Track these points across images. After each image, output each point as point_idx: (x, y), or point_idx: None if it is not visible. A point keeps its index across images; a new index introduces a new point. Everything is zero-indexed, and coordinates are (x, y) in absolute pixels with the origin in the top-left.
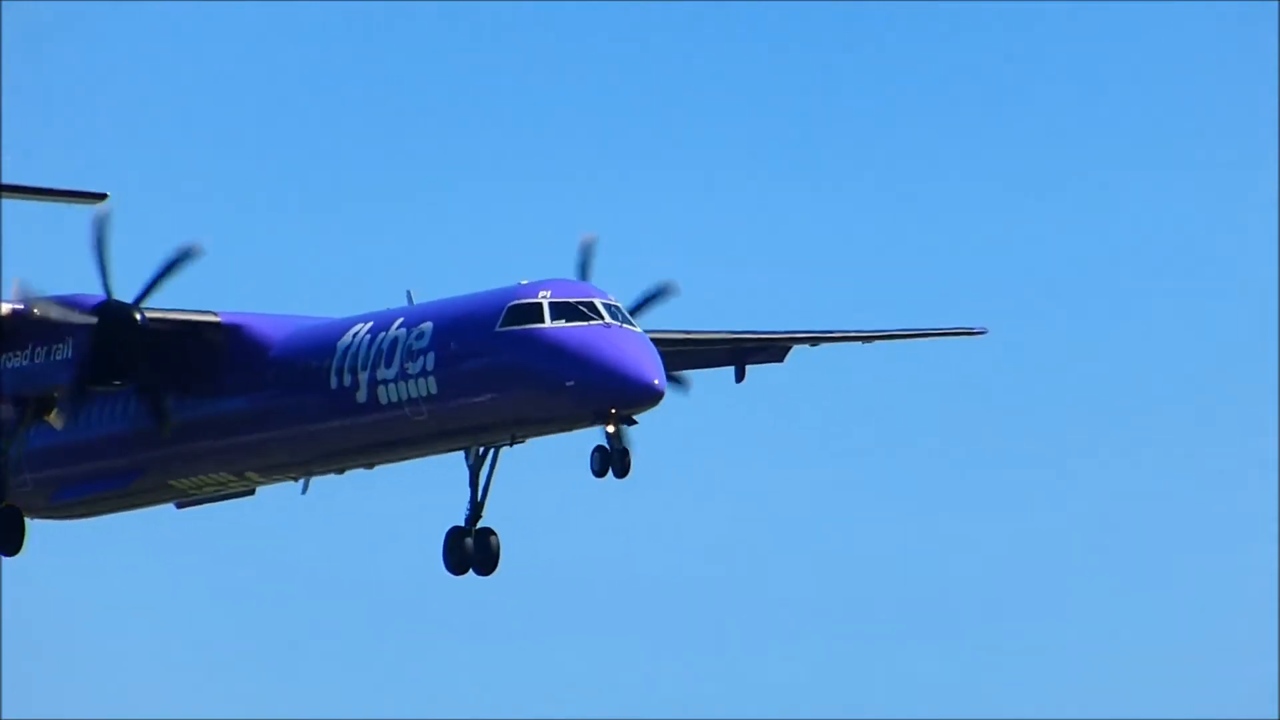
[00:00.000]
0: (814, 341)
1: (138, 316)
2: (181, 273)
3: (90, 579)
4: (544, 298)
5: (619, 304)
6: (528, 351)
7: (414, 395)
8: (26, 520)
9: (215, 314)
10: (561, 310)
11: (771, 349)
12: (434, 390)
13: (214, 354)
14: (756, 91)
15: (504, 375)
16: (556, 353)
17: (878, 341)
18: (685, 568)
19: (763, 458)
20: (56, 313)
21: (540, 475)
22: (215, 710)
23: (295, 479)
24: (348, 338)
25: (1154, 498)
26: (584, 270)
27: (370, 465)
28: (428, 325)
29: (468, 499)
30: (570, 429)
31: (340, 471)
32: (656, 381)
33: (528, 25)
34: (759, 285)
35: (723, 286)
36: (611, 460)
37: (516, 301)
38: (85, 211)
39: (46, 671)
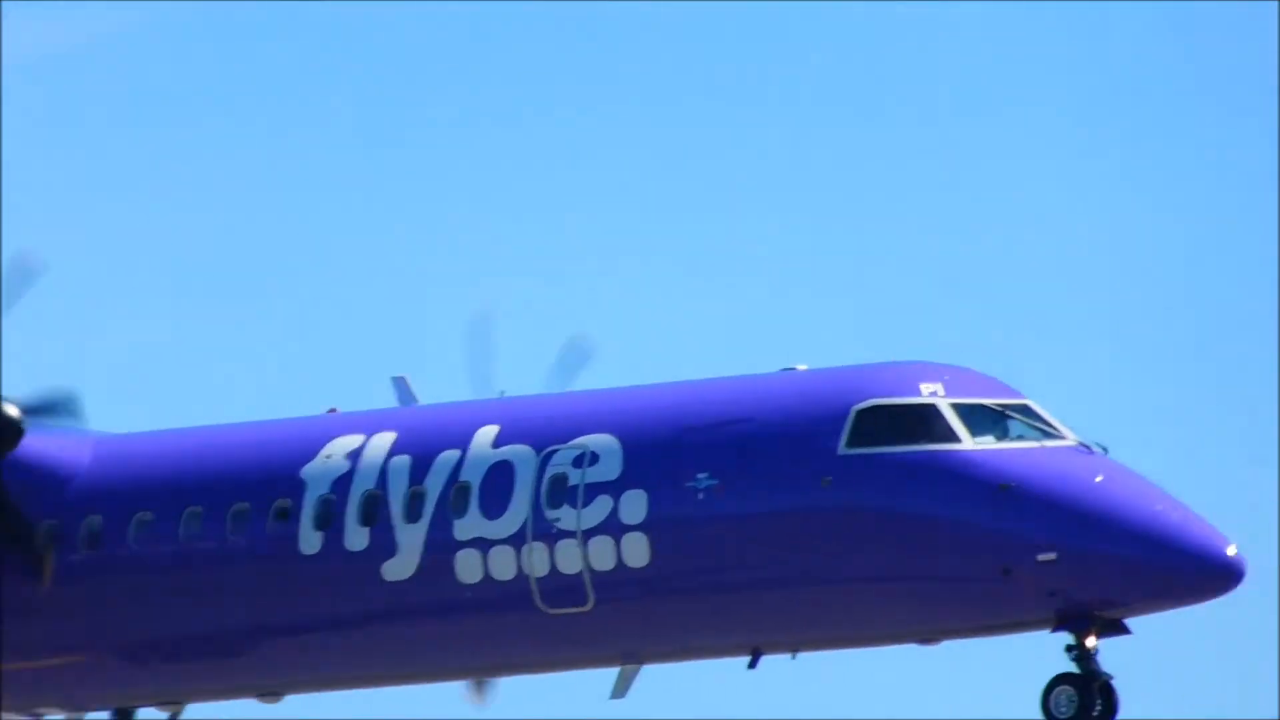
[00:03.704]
0: None
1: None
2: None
3: None
4: (935, 395)
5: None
6: (932, 493)
7: (569, 569)
8: None
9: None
10: (979, 417)
11: None
12: (642, 561)
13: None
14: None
15: (858, 536)
16: (1004, 499)
17: None
18: None
19: None
20: None
21: None
22: None
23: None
24: (329, 460)
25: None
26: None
27: (348, 687)
28: (606, 440)
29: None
30: (975, 634)
31: (271, 697)
32: (1232, 551)
33: None
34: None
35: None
36: (1094, 699)
37: (877, 400)
38: None
39: None
